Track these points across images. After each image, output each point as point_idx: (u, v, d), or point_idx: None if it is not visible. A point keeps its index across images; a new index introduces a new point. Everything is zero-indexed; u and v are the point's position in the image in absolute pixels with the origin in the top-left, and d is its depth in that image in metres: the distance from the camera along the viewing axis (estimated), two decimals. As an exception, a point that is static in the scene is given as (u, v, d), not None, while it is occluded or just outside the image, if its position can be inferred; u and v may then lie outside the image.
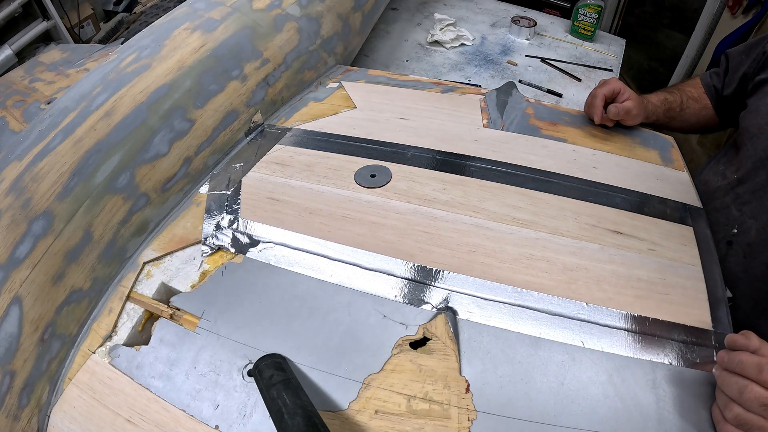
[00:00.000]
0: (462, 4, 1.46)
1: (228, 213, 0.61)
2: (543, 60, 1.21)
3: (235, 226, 0.59)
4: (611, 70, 1.19)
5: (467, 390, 0.44)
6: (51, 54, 1.22)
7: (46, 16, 1.27)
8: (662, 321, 0.47)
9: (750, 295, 0.57)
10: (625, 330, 0.47)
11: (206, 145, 0.67)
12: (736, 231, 0.60)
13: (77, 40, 1.43)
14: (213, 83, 0.69)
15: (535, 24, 1.30)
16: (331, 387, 0.45)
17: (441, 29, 1.28)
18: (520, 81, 1.14)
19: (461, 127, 0.72)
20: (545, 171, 0.63)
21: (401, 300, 0.50)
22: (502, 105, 0.76)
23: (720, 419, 0.40)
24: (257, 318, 0.51)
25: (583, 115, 0.74)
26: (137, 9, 1.61)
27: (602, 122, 0.70)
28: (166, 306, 0.53)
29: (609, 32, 1.48)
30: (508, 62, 1.21)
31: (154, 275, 0.57)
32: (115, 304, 0.55)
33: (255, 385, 0.45)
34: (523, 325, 0.48)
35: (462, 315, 0.49)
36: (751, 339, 0.41)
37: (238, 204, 0.62)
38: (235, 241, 0.58)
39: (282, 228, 0.58)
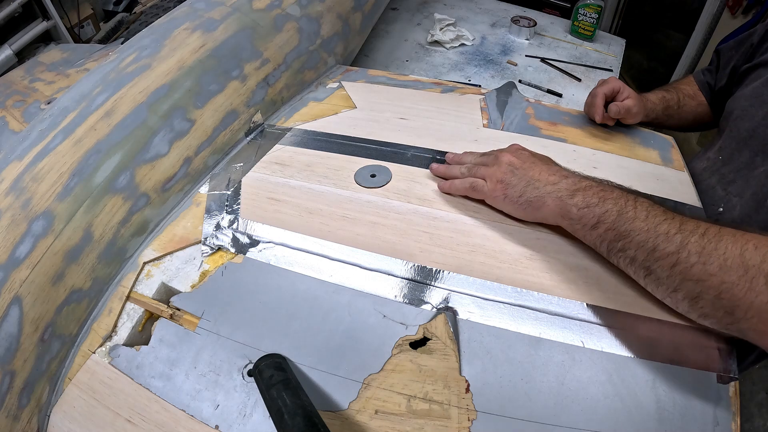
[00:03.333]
0: (462, 4, 1.46)
1: (228, 213, 0.61)
2: (543, 60, 1.21)
3: (235, 226, 0.59)
4: (611, 70, 1.19)
5: (467, 390, 0.44)
6: (51, 54, 1.22)
7: (46, 16, 1.27)
8: (662, 321, 0.47)
9: None
10: (626, 330, 0.47)
11: (206, 145, 0.67)
12: (721, 210, 0.62)
13: (77, 40, 1.43)
14: (213, 83, 0.69)
15: (535, 24, 1.30)
16: (331, 387, 0.45)
17: (441, 29, 1.28)
18: (520, 81, 1.14)
19: (461, 127, 0.72)
20: (545, 171, 0.63)
21: (401, 300, 0.50)
22: (502, 105, 0.76)
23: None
24: (257, 318, 0.51)
25: (583, 115, 0.74)
26: (137, 9, 1.61)
27: (603, 121, 0.70)
28: (166, 306, 0.53)
29: (609, 32, 1.49)
30: (508, 62, 1.21)
31: (154, 275, 0.57)
32: (115, 304, 0.55)
33: (255, 385, 0.45)
34: (523, 325, 0.48)
35: (462, 315, 0.49)
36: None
37: (238, 204, 0.62)
38: (235, 241, 0.58)
39: (282, 228, 0.58)
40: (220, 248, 0.57)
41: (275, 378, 0.43)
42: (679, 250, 0.41)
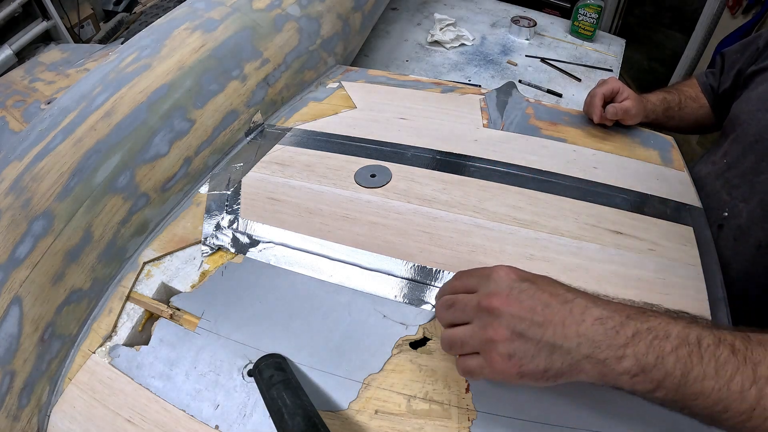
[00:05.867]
0: (462, 4, 1.46)
1: (228, 213, 0.61)
2: (543, 60, 1.21)
3: (235, 226, 0.59)
4: (611, 70, 1.19)
5: (467, 390, 0.44)
6: (51, 54, 1.22)
7: (46, 16, 1.27)
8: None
9: (740, 278, 0.57)
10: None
11: (206, 145, 0.67)
12: (726, 214, 0.61)
13: (77, 40, 1.43)
14: (213, 83, 0.69)
15: (535, 24, 1.30)
16: (331, 387, 0.45)
17: (441, 29, 1.28)
18: (520, 81, 1.14)
19: (461, 127, 0.72)
20: (545, 171, 0.63)
21: (401, 300, 0.50)
22: (502, 105, 0.76)
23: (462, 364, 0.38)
24: (257, 318, 0.51)
25: (583, 115, 0.74)
26: (137, 9, 1.61)
27: (601, 121, 0.70)
28: (166, 306, 0.53)
29: (609, 32, 1.48)
30: (508, 62, 1.21)
31: (154, 275, 0.57)
32: (115, 304, 0.55)
33: (255, 385, 0.45)
34: (523, 325, 0.48)
35: (462, 315, 0.49)
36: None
37: (238, 204, 0.62)
38: (235, 241, 0.58)
39: (282, 228, 0.58)
40: (220, 248, 0.57)
41: (275, 378, 0.43)
42: (755, 407, 0.33)
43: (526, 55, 1.23)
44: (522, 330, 0.35)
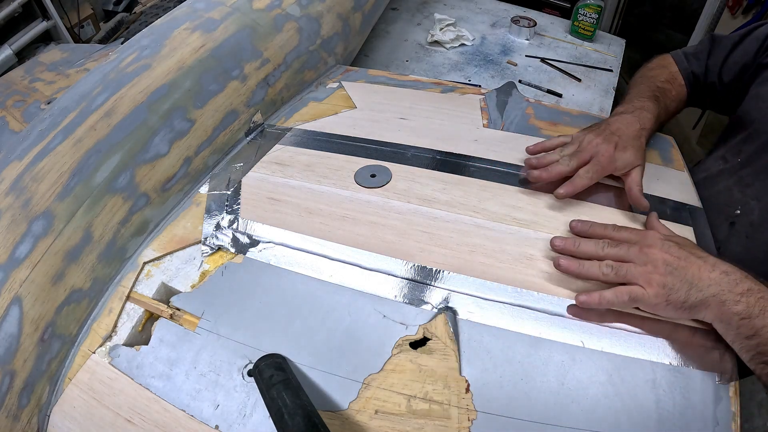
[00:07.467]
0: (462, 4, 1.46)
1: (228, 213, 0.61)
2: (543, 60, 1.21)
3: (235, 226, 0.59)
4: (611, 70, 1.19)
5: (467, 390, 0.44)
6: (51, 54, 1.22)
7: (46, 16, 1.27)
8: (662, 321, 0.47)
9: None
10: (625, 330, 0.47)
11: (206, 145, 0.67)
12: (739, 212, 0.61)
13: (77, 40, 1.43)
14: (213, 83, 0.69)
15: (535, 24, 1.30)
16: (331, 387, 0.45)
17: (441, 29, 1.28)
18: (520, 81, 1.14)
19: (461, 127, 0.72)
20: (545, 171, 0.63)
21: (401, 300, 0.50)
22: (502, 105, 0.76)
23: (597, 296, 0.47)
24: (257, 318, 0.51)
25: (584, 115, 0.74)
26: (137, 9, 1.62)
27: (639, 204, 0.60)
28: (166, 306, 0.53)
29: (609, 32, 1.48)
30: (508, 62, 1.21)
31: (154, 275, 0.57)
32: (115, 304, 0.55)
33: (255, 385, 0.45)
34: (523, 325, 0.48)
35: (462, 315, 0.49)
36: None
37: (238, 204, 0.62)
38: (235, 241, 0.58)
39: (282, 228, 0.58)
40: (220, 248, 0.57)
41: (275, 378, 0.43)
42: None
43: (526, 55, 1.23)
44: (672, 269, 0.46)
